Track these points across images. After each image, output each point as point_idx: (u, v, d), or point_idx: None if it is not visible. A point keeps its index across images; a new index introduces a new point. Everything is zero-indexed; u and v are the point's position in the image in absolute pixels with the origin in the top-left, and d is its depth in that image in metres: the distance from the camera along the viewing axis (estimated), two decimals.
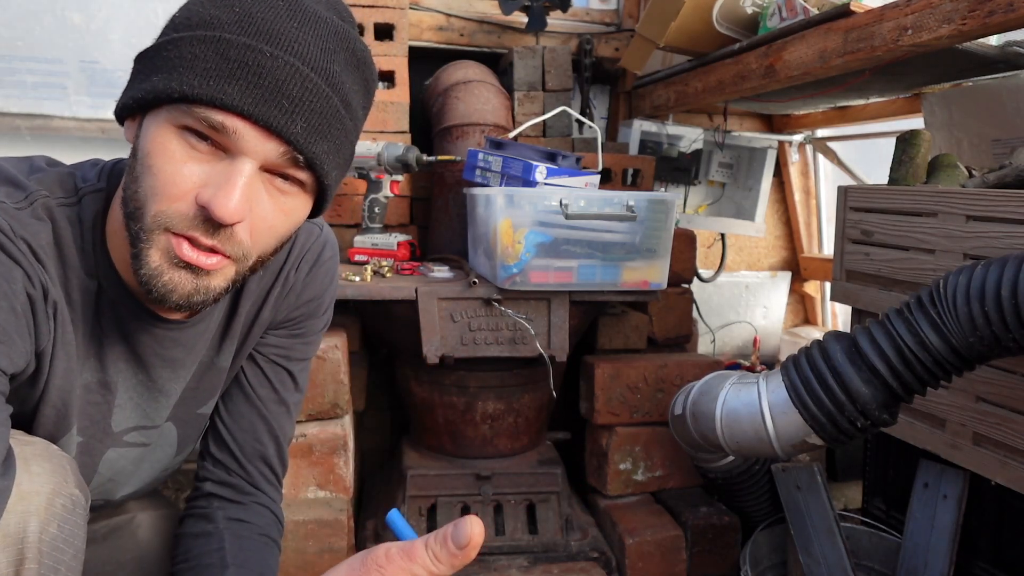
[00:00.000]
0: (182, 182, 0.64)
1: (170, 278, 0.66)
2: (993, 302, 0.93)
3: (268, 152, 0.64)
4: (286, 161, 0.65)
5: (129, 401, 0.82)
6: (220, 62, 0.62)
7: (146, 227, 0.65)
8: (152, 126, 0.65)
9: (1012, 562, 1.24)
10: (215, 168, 0.64)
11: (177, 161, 0.63)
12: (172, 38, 0.64)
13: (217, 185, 0.63)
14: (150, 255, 0.65)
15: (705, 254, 2.47)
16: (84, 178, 0.74)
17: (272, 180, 0.67)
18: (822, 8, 1.45)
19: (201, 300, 0.69)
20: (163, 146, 0.64)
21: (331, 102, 0.66)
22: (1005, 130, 1.55)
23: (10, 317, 0.63)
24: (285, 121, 0.63)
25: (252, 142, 0.63)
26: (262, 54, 0.62)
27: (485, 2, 2.07)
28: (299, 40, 0.64)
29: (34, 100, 1.82)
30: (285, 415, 0.95)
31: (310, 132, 0.65)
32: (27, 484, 0.63)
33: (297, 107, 0.63)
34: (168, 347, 0.81)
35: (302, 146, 0.65)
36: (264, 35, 0.63)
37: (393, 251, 1.67)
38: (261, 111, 0.62)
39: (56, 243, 0.70)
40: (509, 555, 1.54)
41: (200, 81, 0.61)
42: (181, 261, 0.65)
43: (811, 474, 1.37)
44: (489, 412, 1.61)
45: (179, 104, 0.62)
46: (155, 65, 0.65)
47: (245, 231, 0.67)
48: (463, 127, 1.78)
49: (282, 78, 0.62)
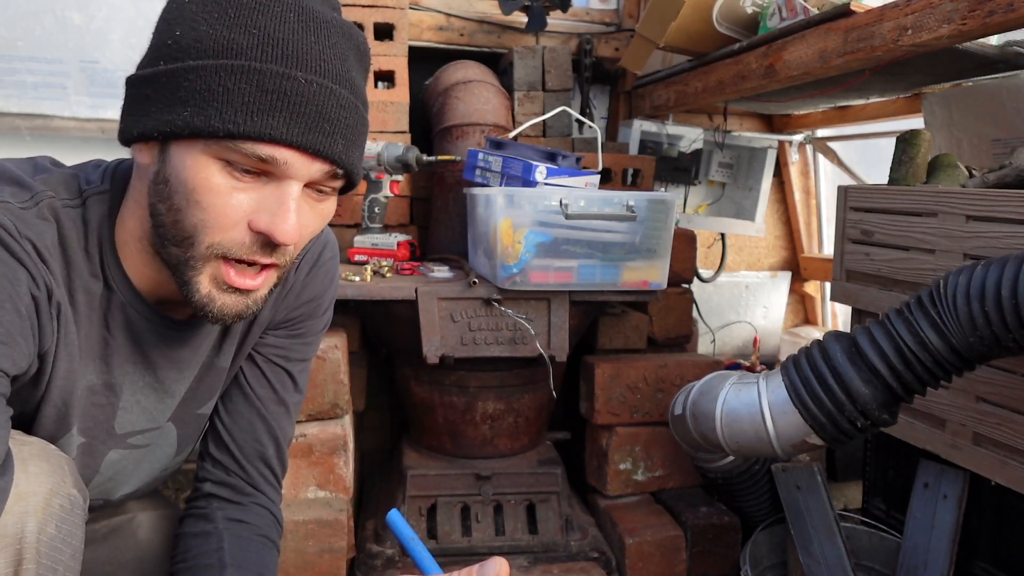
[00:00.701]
0: (233, 213, 0.66)
1: (223, 303, 0.70)
2: (993, 302, 0.93)
3: (313, 172, 0.67)
4: (328, 176, 0.68)
5: (136, 404, 0.82)
6: (258, 95, 0.62)
7: (198, 255, 0.67)
8: (187, 159, 0.65)
9: (1012, 562, 1.24)
10: (263, 193, 0.66)
11: (224, 194, 0.65)
12: (189, 66, 0.63)
13: (272, 211, 0.66)
14: (200, 282, 0.68)
15: (705, 254, 2.47)
16: (88, 180, 0.74)
17: (311, 192, 0.70)
18: (822, 8, 1.45)
19: (252, 312, 0.73)
20: (207, 180, 0.65)
21: (358, 111, 0.69)
22: (1005, 130, 1.55)
23: (14, 319, 0.63)
24: (329, 144, 0.66)
25: (299, 167, 0.65)
26: (297, 82, 0.63)
27: (485, 2, 2.07)
28: (323, 57, 0.65)
29: (34, 100, 1.82)
30: (284, 416, 0.95)
31: (348, 146, 0.68)
32: (24, 484, 0.63)
33: (337, 128, 0.66)
34: (176, 347, 0.81)
35: (344, 162, 0.68)
36: (292, 60, 0.64)
37: (393, 251, 1.67)
38: (308, 140, 0.64)
39: (61, 244, 0.70)
40: (509, 555, 1.54)
41: (244, 118, 0.62)
42: (230, 287, 0.69)
43: (811, 474, 1.36)
44: (489, 412, 1.61)
45: (222, 140, 0.63)
46: (178, 97, 0.63)
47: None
48: (463, 127, 1.78)
49: (320, 103, 0.64)
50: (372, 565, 1.48)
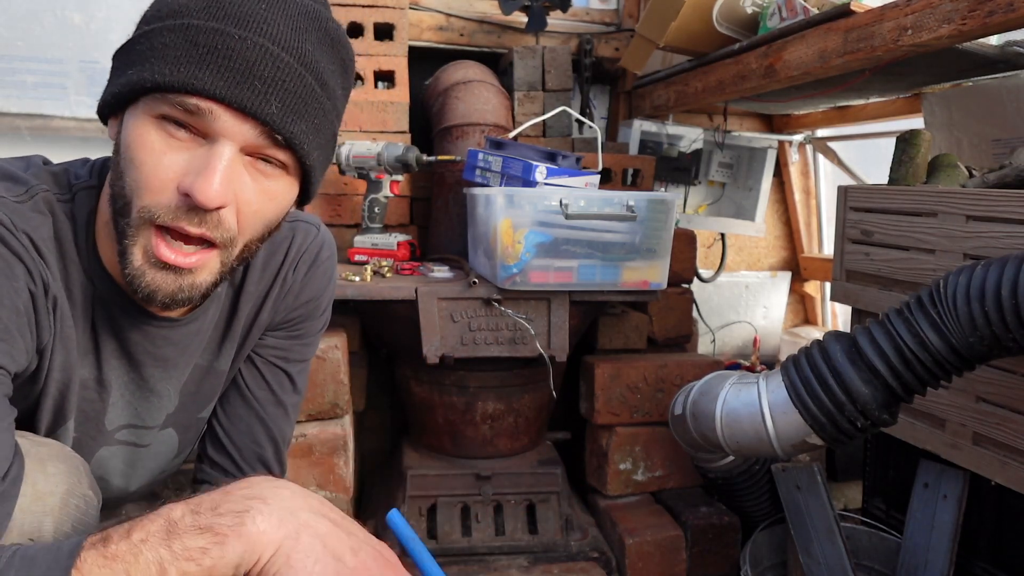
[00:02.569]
0: (163, 172, 0.64)
1: (152, 279, 0.67)
2: (993, 302, 0.93)
3: (246, 134, 0.64)
4: (265, 142, 0.65)
5: (121, 399, 0.82)
6: (190, 48, 0.62)
7: (132, 222, 0.65)
8: (131, 120, 0.65)
9: (1012, 562, 1.24)
10: (195, 154, 0.64)
11: (157, 152, 0.64)
12: (144, 31, 0.65)
13: (197, 171, 0.63)
14: (133, 253, 0.66)
15: (705, 254, 2.47)
16: (76, 175, 0.74)
17: (255, 163, 0.67)
18: (822, 8, 1.45)
19: (187, 297, 0.69)
20: (142, 138, 0.64)
21: (305, 81, 0.66)
22: (1005, 130, 1.55)
23: (12, 315, 0.63)
24: (259, 102, 0.63)
25: (229, 125, 0.63)
26: (230, 37, 0.62)
27: (485, 2, 2.07)
28: (268, 20, 0.64)
29: (34, 100, 1.82)
30: (283, 417, 0.94)
31: (286, 112, 0.65)
32: (43, 484, 0.64)
33: (271, 87, 0.64)
34: (160, 345, 0.80)
35: (279, 126, 0.65)
36: (232, 18, 0.63)
37: (393, 251, 1.67)
38: (234, 93, 0.62)
39: (56, 237, 0.70)
40: (509, 555, 1.54)
41: (171, 69, 0.62)
42: (160, 262, 0.66)
43: (811, 474, 1.36)
44: (489, 412, 1.61)
45: (154, 94, 0.63)
46: (129, 60, 0.65)
47: (232, 216, 0.67)
48: (463, 127, 1.78)
49: (252, 59, 0.63)
50: None
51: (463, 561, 1.51)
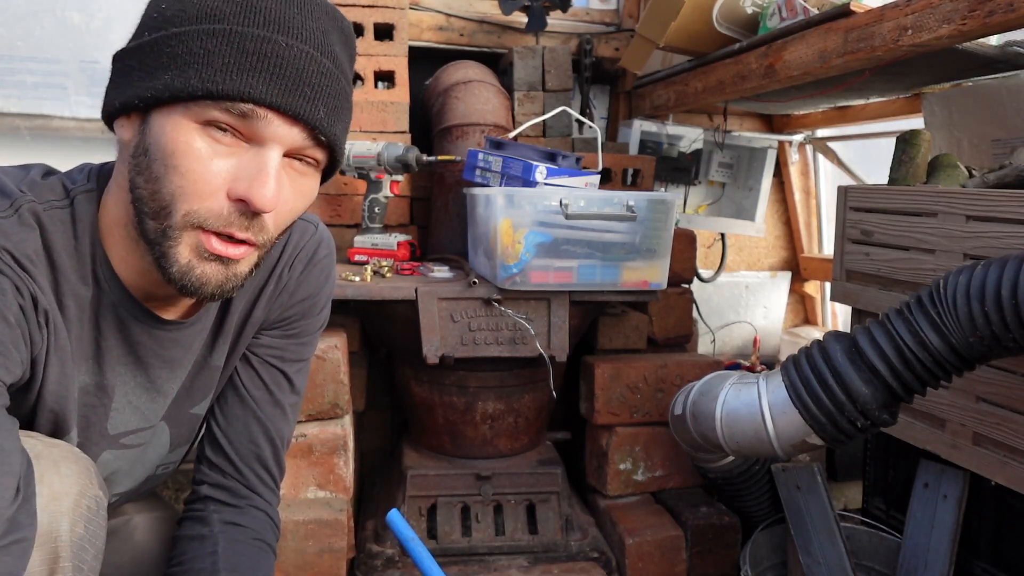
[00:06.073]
0: (212, 179, 0.65)
1: (202, 271, 0.68)
2: (993, 302, 0.93)
3: (294, 137, 0.66)
4: (309, 143, 0.68)
5: (128, 405, 0.81)
6: (239, 56, 0.62)
7: (175, 225, 0.66)
8: (167, 124, 0.64)
9: (1012, 562, 1.24)
10: (242, 160, 0.65)
11: (205, 159, 0.64)
12: (172, 33, 0.64)
13: (250, 177, 0.65)
14: (179, 252, 0.67)
15: (705, 254, 2.47)
16: (73, 180, 0.74)
17: (291, 164, 0.69)
18: (822, 8, 1.45)
19: (232, 287, 0.71)
20: (188, 145, 0.64)
21: (340, 83, 0.69)
22: (1005, 130, 1.55)
23: (4, 328, 0.62)
24: (309, 108, 0.65)
25: (280, 130, 0.65)
26: (278, 44, 0.63)
27: (485, 2, 2.07)
28: (305, 26, 0.66)
29: (34, 100, 1.82)
30: (281, 417, 0.94)
31: (330, 115, 0.68)
32: (59, 484, 0.65)
33: (318, 94, 0.66)
34: (168, 347, 0.80)
35: (325, 129, 0.67)
36: (273, 24, 0.64)
37: (393, 251, 1.67)
38: (288, 102, 0.64)
39: (46, 249, 0.69)
40: (509, 555, 1.54)
41: (223, 77, 0.62)
42: (211, 255, 0.67)
43: (811, 474, 1.36)
44: (489, 412, 1.61)
45: (203, 101, 0.63)
46: (160, 63, 0.64)
47: (271, 217, 0.69)
48: (463, 127, 1.78)
49: (301, 66, 0.65)
50: (372, 565, 1.48)
51: (463, 561, 1.51)
